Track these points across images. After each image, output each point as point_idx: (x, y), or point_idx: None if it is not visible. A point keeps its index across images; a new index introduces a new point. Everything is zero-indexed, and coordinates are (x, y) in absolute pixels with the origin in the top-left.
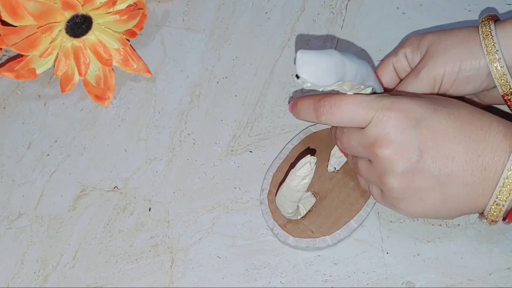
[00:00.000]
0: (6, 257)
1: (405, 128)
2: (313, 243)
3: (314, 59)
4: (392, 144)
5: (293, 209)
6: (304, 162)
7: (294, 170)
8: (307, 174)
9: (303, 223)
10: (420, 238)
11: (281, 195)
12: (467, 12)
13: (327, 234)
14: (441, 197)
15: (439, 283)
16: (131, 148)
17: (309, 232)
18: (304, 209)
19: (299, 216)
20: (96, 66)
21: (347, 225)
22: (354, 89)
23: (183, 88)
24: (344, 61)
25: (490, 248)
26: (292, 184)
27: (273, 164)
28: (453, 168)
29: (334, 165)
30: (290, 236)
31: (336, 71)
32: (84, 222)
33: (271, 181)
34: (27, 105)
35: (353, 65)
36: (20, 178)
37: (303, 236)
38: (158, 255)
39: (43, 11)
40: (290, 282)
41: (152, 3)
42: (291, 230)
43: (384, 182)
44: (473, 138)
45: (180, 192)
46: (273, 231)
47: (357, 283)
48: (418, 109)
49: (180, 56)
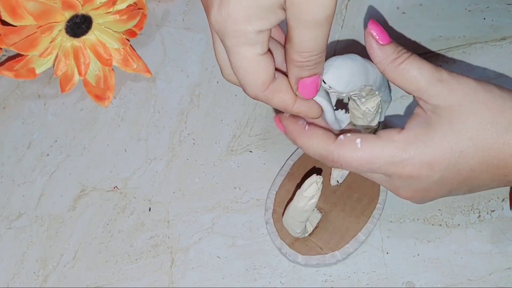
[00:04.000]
0: (6, 257)
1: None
2: (323, 259)
3: (340, 65)
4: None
5: (301, 228)
6: (311, 182)
7: (300, 191)
8: (314, 194)
9: (311, 240)
10: (420, 238)
11: (289, 216)
12: (467, 12)
13: (336, 249)
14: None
15: (439, 283)
16: (131, 148)
17: (318, 248)
18: (311, 226)
19: (306, 234)
20: (96, 66)
21: (355, 238)
22: (370, 95)
23: (183, 88)
24: (366, 66)
25: (490, 248)
26: (299, 205)
27: (275, 182)
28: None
29: (337, 178)
30: (299, 254)
31: (360, 76)
32: (84, 222)
33: (274, 200)
34: (27, 105)
35: (374, 69)
36: (20, 178)
37: (312, 254)
38: (158, 255)
39: (43, 11)
40: (290, 282)
41: (152, 3)
42: (299, 248)
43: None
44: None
45: (180, 192)
46: (281, 251)
47: (357, 283)
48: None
49: (180, 56)
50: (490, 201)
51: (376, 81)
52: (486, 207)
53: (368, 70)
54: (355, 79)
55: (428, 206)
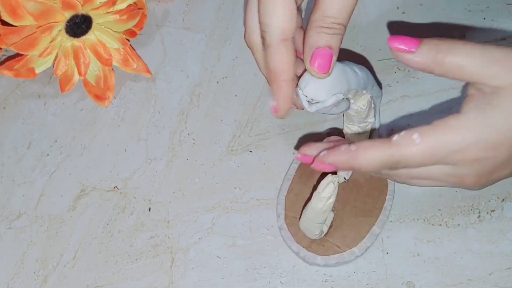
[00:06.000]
0: (6, 257)
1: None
2: (342, 258)
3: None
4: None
5: (320, 230)
6: (327, 182)
7: (317, 192)
8: (332, 194)
9: (327, 240)
10: (420, 238)
11: (306, 218)
12: (467, 12)
13: (354, 245)
14: None
15: (439, 283)
16: (131, 148)
17: (335, 247)
18: (326, 226)
19: (322, 235)
20: (96, 66)
21: (371, 232)
22: (358, 95)
23: (183, 88)
24: (345, 70)
25: (490, 248)
26: (318, 206)
27: (282, 187)
28: None
29: (344, 175)
30: (318, 256)
31: (340, 82)
32: (84, 222)
33: (284, 205)
34: (27, 105)
35: (355, 72)
36: (20, 178)
37: (330, 253)
38: (158, 255)
39: (43, 11)
40: (290, 282)
41: (152, 3)
42: (317, 249)
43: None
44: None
45: (180, 192)
46: (299, 255)
47: (357, 283)
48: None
49: (180, 56)
50: (490, 201)
51: (360, 82)
52: (486, 207)
53: (348, 74)
54: (335, 86)
55: (428, 206)
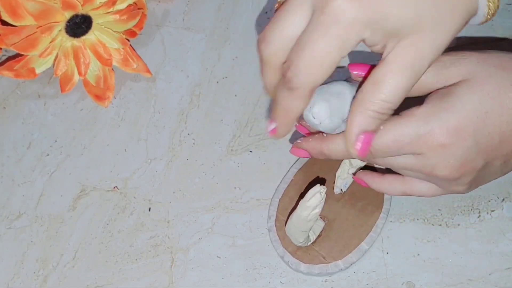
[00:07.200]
0: (6, 257)
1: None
2: (325, 269)
3: (323, 96)
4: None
5: (304, 238)
6: (314, 192)
7: (304, 201)
8: (318, 204)
9: (313, 248)
10: (420, 238)
11: (291, 225)
12: None
13: (339, 258)
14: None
15: (439, 283)
16: (131, 148)
17: (320, 257)
18: (314, 234)
19: (309, 243)
20: (96, 66)
21: (358, 248)
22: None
23: (183, 88)
24: (353, 92)
25: (490, 248)
26: (302, 214)
27: (278, 189)
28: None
29: (341, 187)
30: (302, 263)
31: (348, 106)
32: (84, 222)
33: (277, 207)
34: (27, 105)
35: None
36: (20, 178)
37: (314, 262)
38: (158, 255)
39: (43, 11)
40: (290, 282)
41: (152, 3)
42: (302, 257)
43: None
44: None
45: (180, 192)
46: (283, 259)
47: (357, 283)
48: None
49: (180, 56)
50: (490, 201)
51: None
52: (486, 207)
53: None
54: (342, 111)
55: (428, 206)
